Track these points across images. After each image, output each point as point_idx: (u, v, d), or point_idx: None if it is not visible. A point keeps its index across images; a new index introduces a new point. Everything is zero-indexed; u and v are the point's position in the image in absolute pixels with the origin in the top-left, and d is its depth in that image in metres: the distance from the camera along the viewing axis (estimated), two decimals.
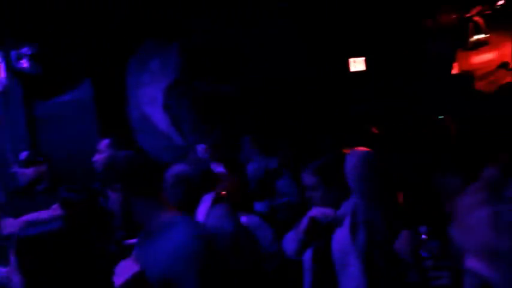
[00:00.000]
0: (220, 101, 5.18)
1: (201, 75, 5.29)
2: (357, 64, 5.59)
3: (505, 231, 0.46)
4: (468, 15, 5.82)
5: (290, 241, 1.97)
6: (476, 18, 5.90)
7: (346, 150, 1.96)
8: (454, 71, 6.19)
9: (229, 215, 1.98)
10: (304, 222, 1.85)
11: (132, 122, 5.15)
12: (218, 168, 3.66)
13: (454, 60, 6.10)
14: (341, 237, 1.75)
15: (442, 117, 4.63)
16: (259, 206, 3.46)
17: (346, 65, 5.57)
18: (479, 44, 6.13)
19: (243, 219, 2.42)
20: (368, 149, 1.85)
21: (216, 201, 1.94)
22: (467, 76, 6.49)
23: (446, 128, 4.48)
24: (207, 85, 5.28)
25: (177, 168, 1.97)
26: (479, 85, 6.56)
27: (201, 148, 3.92)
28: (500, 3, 5.69)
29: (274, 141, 4.23)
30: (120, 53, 5.11)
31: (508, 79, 6.74)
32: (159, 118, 5.10)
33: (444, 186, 2.24)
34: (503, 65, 6.69)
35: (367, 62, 5.65)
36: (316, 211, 1.88)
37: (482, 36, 6.08)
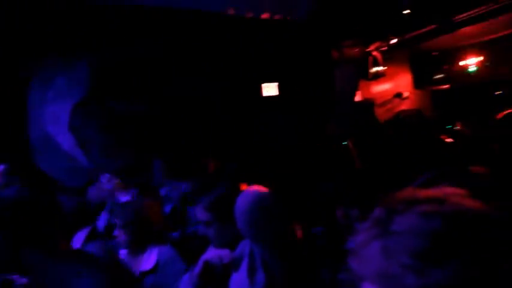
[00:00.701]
0: (134, 122, 5.00)
1: (114, 94, 5.06)
2: (270, 89, 5.81)
3: (393, 259, 0.57)
4: (368, 49, 6.43)
5: (186, 285, 1.80)
6: (375, 53, 6.56)
7: (244, 185, 1.82)
8: (357, 98, 6.75)
9: (104, 252, 1.83)
10: (199, 265, 1.74)
11: (33, 142, 4.73)
12: (125, 197, 3.51)
13: (357, 89, 6.65)
14: (238, 280, 1.65)
15: (345, 143, 4.99)
16: (172, 234, 3.36)
17: (259, 90, 5.76)
18: (378, 75, 6.79)
19: (155, 251, 2.28)
20: (261, 189, 1.71)
21: (89, 238, 1.79)
22: (368, 103, 7.13)
23: (350, 155, 4.82)
24: (120, 104, 5.07)
25: None
26: (378, 112, 7.24)
27: (104, 178, 3.68)
28: (393, 41, 6.40)
29: (187, 165, 4.17)
30: (19, 65, 4.70)
31: (401, 107, 7.54)
32: (64, 138, 4.75)
33: (345, 216, 2.39)
34: (398, 95, 7.49)
35: (279, 88, 5.91)
36: (211, 253, 1.77)
37: (380, 68, 6.75)
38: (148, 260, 2.21)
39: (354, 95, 6.54)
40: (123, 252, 2.33)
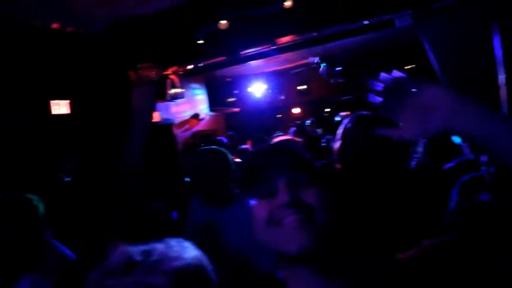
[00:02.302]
0: None
1: None
2: (61, 107, 5.37)
3: None
4: (166, 72, 6.64)
5: None
6: (172, 76, 6.83)
7: None
8: (156, 119, 6.87)
9: None
10: None
11: None
12: None
13: (154, 110, 6.76)
14: None
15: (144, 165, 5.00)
16: None
17: (48, 108, 5.25)
18: (176, 97, 7.08)
19: None
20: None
21: None
22: (167, 124, 7.34)
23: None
24: None
25: None
26: (177, 132, 7.54)
27: None
28: (189, 67, 6.83)
29: None
30: None
31: (198, 127, 8.07)
32: None
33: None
34: (195, 116, 7.98)
35: (72, 106, 5.51)
36: None
37: (178, 90, 7.06)
38: None
39: (151, 115, 6.61)
40: None
